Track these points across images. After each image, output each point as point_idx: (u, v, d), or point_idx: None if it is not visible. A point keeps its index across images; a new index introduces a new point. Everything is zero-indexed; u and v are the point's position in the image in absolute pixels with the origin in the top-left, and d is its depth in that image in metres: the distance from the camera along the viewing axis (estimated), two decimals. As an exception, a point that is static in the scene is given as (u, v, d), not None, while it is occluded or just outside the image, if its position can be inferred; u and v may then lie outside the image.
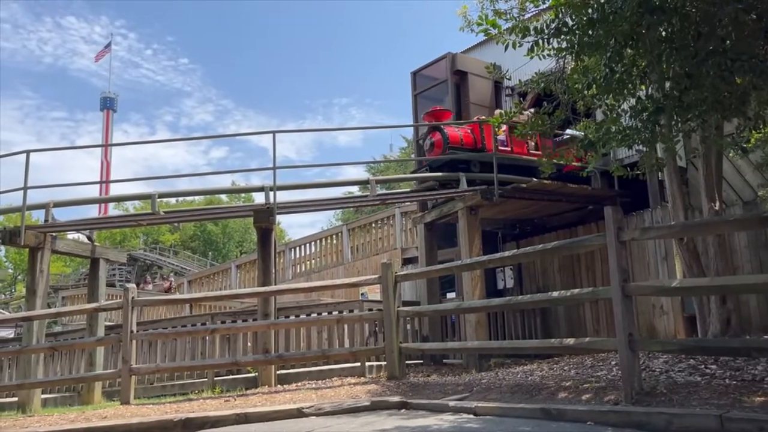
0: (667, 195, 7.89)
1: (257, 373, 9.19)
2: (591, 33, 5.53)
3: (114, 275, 39.38)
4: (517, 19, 6.41)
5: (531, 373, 7.06)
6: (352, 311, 9.66)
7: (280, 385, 8.65)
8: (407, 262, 15.08)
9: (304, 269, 19.04)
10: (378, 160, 40.20)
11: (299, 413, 6.02)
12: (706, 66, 5.04)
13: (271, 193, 9.62)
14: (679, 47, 5.29)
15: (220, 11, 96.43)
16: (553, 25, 5.76)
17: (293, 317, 9.97)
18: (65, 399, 10.75)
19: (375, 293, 12.89)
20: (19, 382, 9.41)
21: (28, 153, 9.68)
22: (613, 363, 6.46)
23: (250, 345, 10.09)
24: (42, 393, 9.89)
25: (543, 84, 7.59)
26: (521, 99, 11.52)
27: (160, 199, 10.22)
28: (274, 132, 10.13)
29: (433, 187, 10.71)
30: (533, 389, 5.86)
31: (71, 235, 11.51)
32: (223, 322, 10.23)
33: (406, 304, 10.89)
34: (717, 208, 7.12)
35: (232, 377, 9.64)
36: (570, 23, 5.68)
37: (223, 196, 47.93)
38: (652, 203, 10.19)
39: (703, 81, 5.23)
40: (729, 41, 5.27)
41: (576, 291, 7.10)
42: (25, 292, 10.50)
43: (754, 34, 5.31)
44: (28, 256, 9.83)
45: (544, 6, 6.49)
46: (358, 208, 30.91)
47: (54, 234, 9.91)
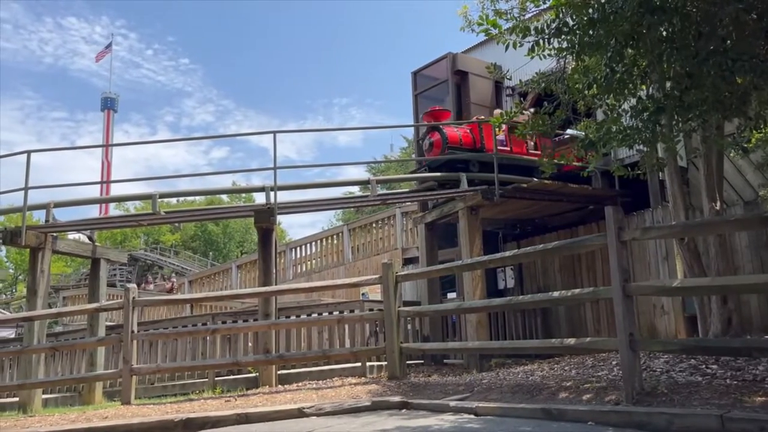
0: (668, 195, 7.90)
1: (258, 374, 9.20)
2: (592, 33, 5.54)
3: (115, 275, 39.40)
4: (518, 19, 6.43)
5: (532, 373, 7.06)
6: (352, 311, 9.66)
7: (280, 385, 8.65)
8: (408, 262, 15.09)
9: (304, 269, 19.03)
10: (378, 160, 40.29)
11: (300, 413, 6.03)
12: (706, 66, 5.04)
13: (272, 193, 9.63)
14: (680, 47, 5.29)
15: (220, 11, 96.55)
16: (554, 25, 5.77)
17: (294, 317, 9.98)
18: (66, 399, 10.78)
19: (376, 293, 12.87)
20: (20, 382, 9.43)
21: (28, 153, 9.70)
22: (614, 363, 6.46)
23: (250, 345, 10.10)
24: (43, 393, 9.90)
25: (543, 84, 7.59)
26: (522, 99, 11.53)
27: (160, 200, 10.22)
28: (274, 132, 10.13)
29: (433, 187, 10.72)
30: (534, 389, 5.86)
31: (72, 236, 11.50)
32: (224, 322, 10.25)
33: (406, 304, 10.90)
34: (718, 208, 7.12)
35: (232, 377, 9.65)
36: (571, 23, 5.69)
37: (224, 196, 48.07)
38: (652, 203, 10.19)
39: (704, 81, 5.24)
40: (730, 41, 5.28)
41: (577, 291, 7.11)
42: (26, 292, 10.51)
43: (754, 33, 5.31)
44: (29, 256, 9.86)
45: (544, 6, 6.50)
46: (358, 208, 30.93)
47: (55, 234, 9.91)
